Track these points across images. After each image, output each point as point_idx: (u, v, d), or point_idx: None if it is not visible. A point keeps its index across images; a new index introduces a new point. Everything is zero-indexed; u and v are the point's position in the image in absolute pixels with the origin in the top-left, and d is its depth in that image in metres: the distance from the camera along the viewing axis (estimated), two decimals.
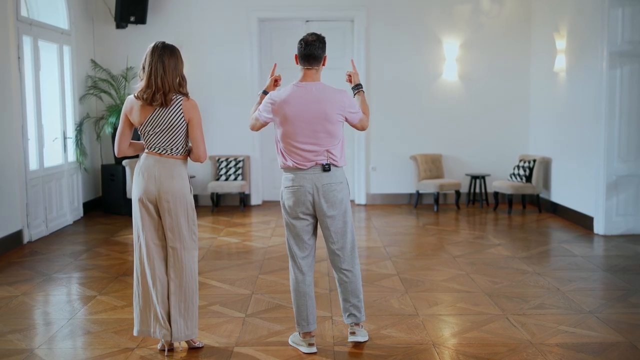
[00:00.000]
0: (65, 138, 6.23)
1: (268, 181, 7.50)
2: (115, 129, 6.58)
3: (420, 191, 7.10)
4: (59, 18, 6.21)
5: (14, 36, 5.21)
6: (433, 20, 7.16)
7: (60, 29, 6.14)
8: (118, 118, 6.46)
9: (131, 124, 2.90)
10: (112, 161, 6.96)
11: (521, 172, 6.72)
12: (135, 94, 2.82)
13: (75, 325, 3.39)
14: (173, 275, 2.90)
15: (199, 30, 7.10)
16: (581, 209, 5.93)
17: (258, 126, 3.02)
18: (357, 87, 3.13)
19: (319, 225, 3.01)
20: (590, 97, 5.68)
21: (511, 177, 6.86)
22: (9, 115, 5.14)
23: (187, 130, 2.86)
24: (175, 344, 3.02)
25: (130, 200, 6.60)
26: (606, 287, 4.07)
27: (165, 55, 2.78)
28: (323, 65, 2.96)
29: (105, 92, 6.89)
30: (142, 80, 2.80)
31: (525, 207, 6.97)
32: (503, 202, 7.20)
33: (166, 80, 2.76)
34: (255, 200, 7.30)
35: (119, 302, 3.75)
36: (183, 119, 2.83)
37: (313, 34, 2.93)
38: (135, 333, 2.96)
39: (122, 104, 6.75)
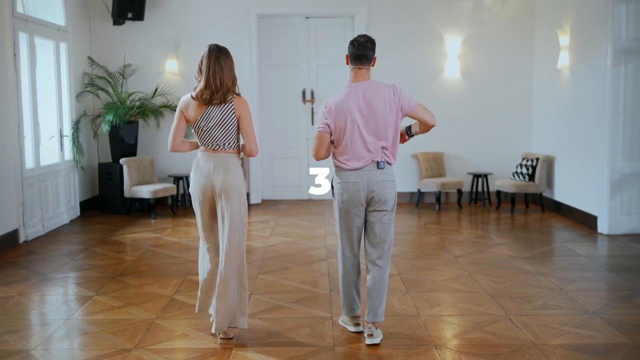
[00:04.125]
0: (61, 136, 6.18)
1: (267, 180, 7.45)
2: (112, 127, 6.54)
3: (422, 190, 7.05)
4: (56, 14, 6.15)
5: (10, 33, 5.16)
6: (434, 17, 7.10)
7: (57, 25, 6.08)
8: (115, 116, 6.41)
9: (186, 121, 3.05)
10: (110, 159, 6.90)
11: (524, 170, 6.67)
12: (193, 95, 2.99)
13: (72, 326, 3.36)
14: (226, 267, 3.02)
15: (197, 26, 7.04)
16: (585, 208, 5.88)
17: (322, 144, 3.03)
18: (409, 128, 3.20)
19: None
20: (594, 94, 5.62)
21: (514, 176, 6.81)
22: (4, 113, 5.09)
23: (237, 126, 3.02)
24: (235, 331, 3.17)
25: (127, 200, 6.58)
26: (610, 287, 4.04)
27: (222, 57, 2.98)
28: (373, 65, 3.07)
29: (102, 89, 6.83)
30: (199, 82, 2.98)
31: (528, 206, 6.92)
32: (505, 201, 7.15)
33: (224, 80, 2.96)
34: (254, 199, 7.25)
35: (116, 303, 3.71)
36: (234, 115, 3.00)
37: (364, 35, 3.05)
38: (197, 310, 3.24)
39: (120, 101, 6.74)
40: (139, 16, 6.74)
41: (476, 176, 7.05)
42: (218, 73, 2.94)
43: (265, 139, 7.36)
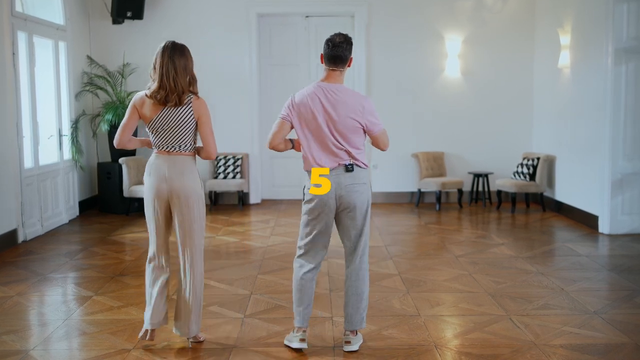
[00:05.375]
0: (60, 135, 6.16)
1: (267, 179, 7.43)
2: (111, 126, 6.51)
3: (422, 189, 7.03)
4: (55, 13, 6.14)
5: (9, 32, 5.14)
6: (435, 16, 7.08)
7: (56, 24, 6.07)
8: (115, 115, 6.39)
9: (138, 117, 2.92)
10: (109, 159, 6.88)
11: (525, 170, 6.65)
12: (148, 94, 2.85)
13: (71, 326, 3.34)
14: (188, 273, 2.95)
15: (197, 25, 7.03)
16: (586, 207, 5.86)
17: (280, 131, 2.91)
18: None
19: (335, 224, 2.99)
20: (595, 93, 5.61)
21: (514, 175, 6.79)
22: (3, 113, 5.07)
23: (195, 128, 2.90)
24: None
25: (127, 199, 6.56)
26: (611, 287, 4.03)
27: (176, 56, 2.82)
28: (348, 66, 2.94)
29: (101, 88, 6.82)
30: (154, 81, 2.83)
31: (529, 206, 6.90)
32: (506, 200, 7.13)
33: (178, 81, 2.81)
34: (254, 198, 7.23)
35: (115, 303, 3.69)
36: (192, 117, 2.87)
37: (340, 34, 2.89)
38: (145, 326, 3.03)
39: (119, 100, 6.71)
40: (138, 15, 6.73)
41: (477, 176, 7.03)
42: (171, 73, 2.78)
43: (265, 138, 7.33)
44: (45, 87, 5.95)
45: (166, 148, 2.89)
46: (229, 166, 7.01)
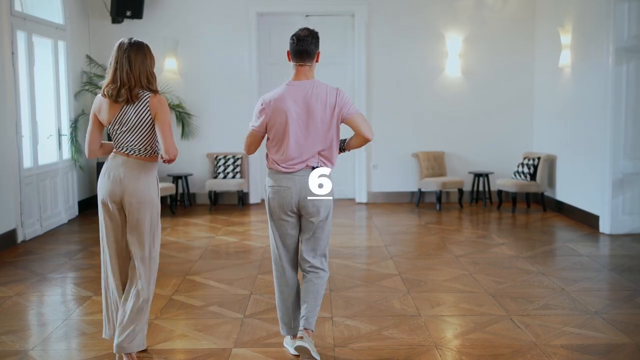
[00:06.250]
0: (60, 135, 6.15)
1: None
2: None
3: (423, 189, 7.02)
4: (54, 13, 6.13)
5: (8, 31, 5.13)
6: (435, 15, 7.07)
7: (55, 24, 6.06)
8: None
9: (101, 124, 2.82)
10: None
11: (525, 169, 6.64)
12: (102, 91, 2.76)
13: (70, 326, 3.33)
14: (131, 281, 2.81)
15: (197, 24, 7.02)
16: (587, 207, 5.85)
17: (254, 143, 2.87)
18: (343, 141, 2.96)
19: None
20: (596, 93, 5.59)
21: (515, 175, 6.78)
22: (2, 112, 5.07)
23: (154, 129, 2.75)
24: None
25: None
26: (612, 288, 4.02)
27: (132, 51, 2.72)
28: (317, 61, 2.86)
29: (100, 88, 6.79)
30: (107, 76, 2.75)
31: (530, 206, 6.89)
32: (507, 200, 7.12)
33: (132, 75, 2.70)
34: (254, 198, 7.22)
35: None
36: (149, 115, 2.73)
37: (305, 29, 2.83)
38: (104, 335, 2.91)
39: None
40: (137, 14, 6.71)
41: (477, 175, 7.02)
42: (125, 67, 2.68)
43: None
44: (44, 87, 5.94)
45: (125, 150, 2.76)
46: (228, 166, 6.99)
